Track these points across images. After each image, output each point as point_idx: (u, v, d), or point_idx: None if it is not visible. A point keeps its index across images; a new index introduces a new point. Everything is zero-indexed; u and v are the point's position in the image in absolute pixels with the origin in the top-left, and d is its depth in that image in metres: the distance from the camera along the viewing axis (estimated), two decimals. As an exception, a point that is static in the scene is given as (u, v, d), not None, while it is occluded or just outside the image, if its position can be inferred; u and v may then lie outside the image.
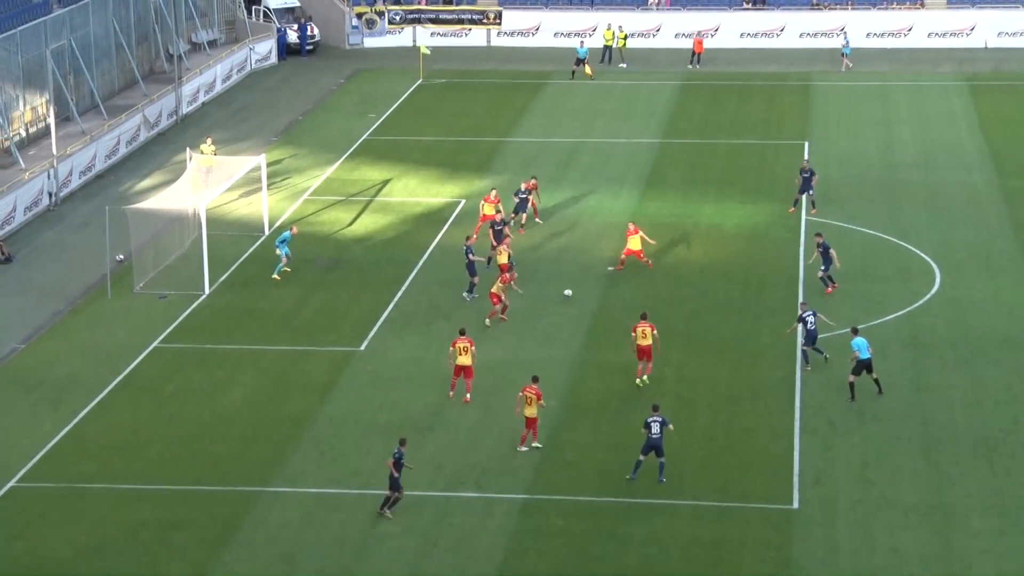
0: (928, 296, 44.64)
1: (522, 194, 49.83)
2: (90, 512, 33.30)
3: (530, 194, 49.93)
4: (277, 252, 46.53)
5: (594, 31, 76.51)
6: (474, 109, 66.55)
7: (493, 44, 78.13)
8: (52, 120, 55.67)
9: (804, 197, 51.27)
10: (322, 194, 55.03)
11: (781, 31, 76.78)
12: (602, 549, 31.61)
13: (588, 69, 70.03)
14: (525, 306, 43.73)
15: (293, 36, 76.55)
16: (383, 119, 65.14)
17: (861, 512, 32.90)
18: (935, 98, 66.81)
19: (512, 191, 50.52)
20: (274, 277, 46.31)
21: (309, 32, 76.95)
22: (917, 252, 48.16)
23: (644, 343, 38.67)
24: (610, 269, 46.61)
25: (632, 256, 46.07)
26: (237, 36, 75.16)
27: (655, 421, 34.00)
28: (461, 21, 78.28)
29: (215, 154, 54.13)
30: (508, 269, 44.15)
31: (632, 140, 61.41)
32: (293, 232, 47.24)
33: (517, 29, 78.05)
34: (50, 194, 53.89)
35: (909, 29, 76.38)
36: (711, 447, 35.74)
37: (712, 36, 76.23)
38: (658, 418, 34.06)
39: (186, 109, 65.61)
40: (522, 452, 35.48)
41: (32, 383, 39.87)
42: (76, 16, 61.29)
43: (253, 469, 35.07)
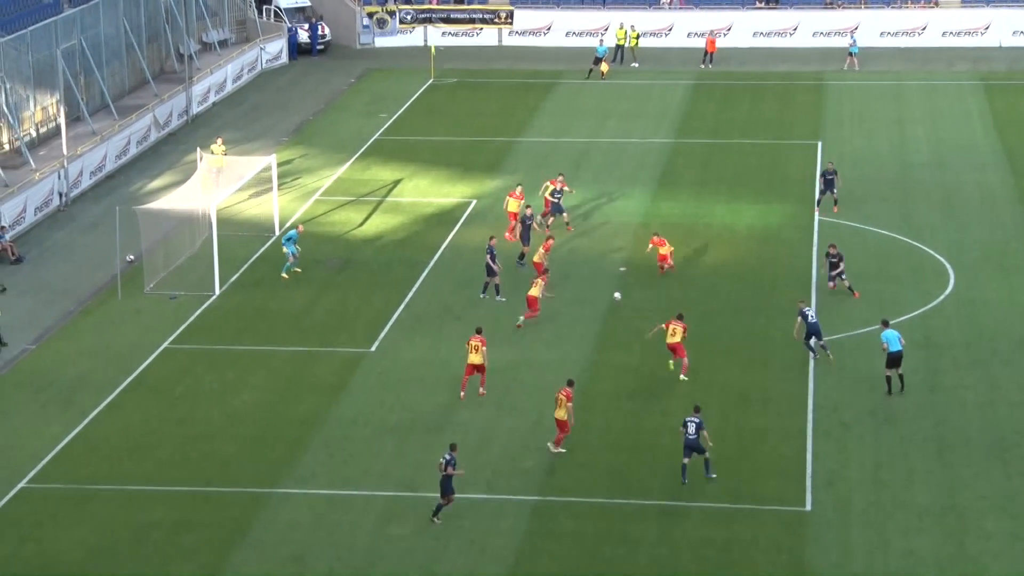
0: (942, 297, 44.42)
1: (557, 194, 49.74)
2: (100, 513, 33.25)
3: (562, 192, 49.85)
4: (284, 251, 46.48)
5: (606, 30, 76.36)
6: (485, 109, 66.43)
7: (504, 44, 78.02)
8: (62, 120, 55.65)
9: (826, 197, 50.88)
10: (333, 194, 54.95)
11: (794, 30, 76.55)
12: (613, 551, 31.48)
13: (604, 67, 69.88)
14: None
15: (304, 36, 76.52)
16: (394, 119, 65.05)
17: (874, 514, 32.72)
18: (949, 97, 66.55)
19: (529, 191, 50.11)
20: (283, 276, 46.24)
21: (320, 32, 76.91)
22: (931, 252, 47.93)
23: (672, 340, 39.04)
24: (622, 270, 46.41)
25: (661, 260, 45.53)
26: (248, 36, 75.15)
27: (692, 421, 34.02)
28: (472, 20, 78.18)
29: (225, 154, 54.07)
30: (543, 271, 44.02)
31: (644, 140, 61.24)
32: (300, 231, 47.18)
33: (529, 28, 77.92)
34: (60, 194, 53.87)
35: (923, 28, 76.11)
36: (723, 448, 35.52)
37: (725, 35, 76.03)
38: (696, 419, 34.07)
39: (196, 109, 65.57)
40: (529, 458, 35.26)
41: (42, 384, 39.83)
42: (87, 16, 61.29)
43: (263, 470, 34.99)
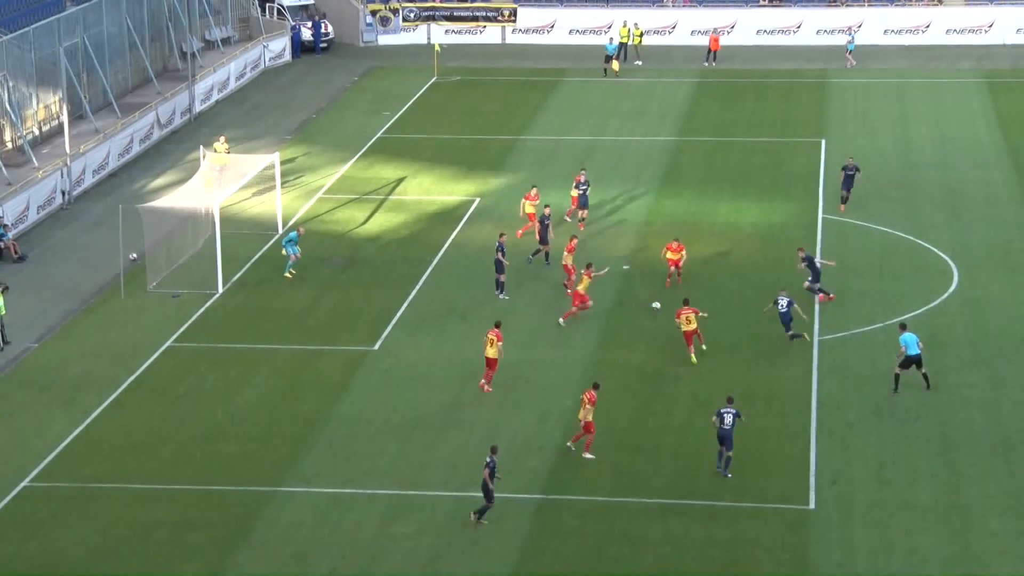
0: (946, 295, 44.36)
1: (582, 186, 49.67)
2: (103, 512, 33.23)
3: (588, 187, 49.82)
4: (284, 252, 46.44)
5: (609, 28, 76.31)
6: (489, 107, 66.39)
7: (508, 41, 77.97)
8: (65, 118, 55.62)
9: (847, 194, 50.68)
10: (336, 192, 54.91)
11: (798, 28, 76.47)
12: (617, 550, 31.45)
13: (615, 65, 69.84)
14: (540, 305, 43.51)
15: (307, 34, 76.49)
16: (397, 117, 65.01)
17: (878, 513, 32.67)
18: (953, 95, 66.47)
19: (536, 188, 49.97)
20: (286, 275, 46.21)
21: (323, 30, 76.88)
22: (935, 251, 47.87)
23: (689, 328, 39.36)
24: (625, 268, 46.36)
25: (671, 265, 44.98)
26: (251, 34, 75.10)
27: (728, 412, 34.11)
28: (476, 18, 78.13)
29: (228, 152, 54.04)
30: (574, 271, 43.97)
31: (648, 138, 61.19)
32: (301, 232, 47.14)
33: (532, 26, 77.85)
34: (63, 193, 53.86)
35: (927, 26, 76.01)
36: (727, 447, 35.53)
37: (728, 33, 75.95)
38: (732, 410, 34.19)
39: (200, 107, 65.55)
40: (533, 457, 35.24)
41: (45, 383, 39.81)
42: (89, 14, 61.27)
43: (266, 469, 34.97)
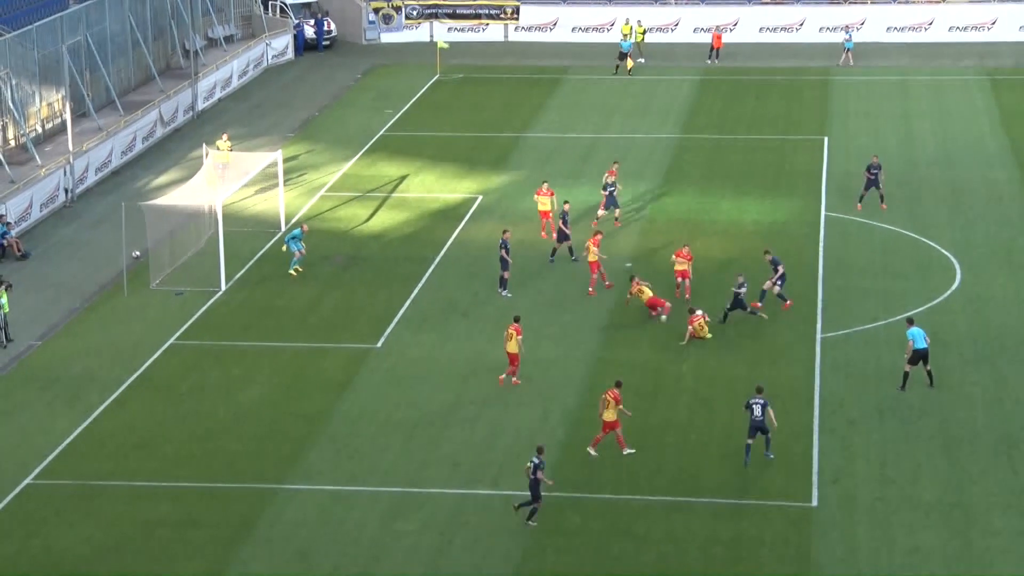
0: (948, 293, 44.34)
1: (610, 187, 49.63)
2: (106, 510, 33.25)
3: (616, 186, 49.70)
4: (284, 249, 46.46)
5: (612, 26, 76.31)
6: (491, 104, 66.38)
7: (510, 39, 77.95)
8: (68, 116, 55.67)
9: (871, 192, 50.48)
10: (339, 190, 54.92)
11: (800, 25, 76.42)
12: (620, 547, 31.45)
13: (629, 63, 69.82)
14: (543, 303, 43.50)
15: (310, 31, 76.49)
16: (400, 114, 65.01)
17: (880, 510, 32.67)
18: (956, 93, 66.42)
19: (538, 186, 49.92)
20: (290, 273, 46.24)
21: (326, 27, 76.88)
22: (938, 248, 47.85)
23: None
24: (628, 265, 46.35)
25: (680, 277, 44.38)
26: (253, 31, 75.11)
27: (757, 403, 34.33)
28: (478, 16, 78.12)
29: (231, 150, 54.02)
30: (599, 268, 44.04)
31: (650, 135, 61.18)
32: (304, 230, 47.16)
33: (535, 24, 77.84)
34: (66, 190, 53.88)
35: (930, 23, 75.95)
36: (729, 445, 35.49)
37: (731, 31, 75.91)
38: (760, 400, 34.42)
39: (202, 105, 65.56)
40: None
41: (48, 380, 39.83)
42: (92, 12, 61.29)
43: (269, 467, 34.98)
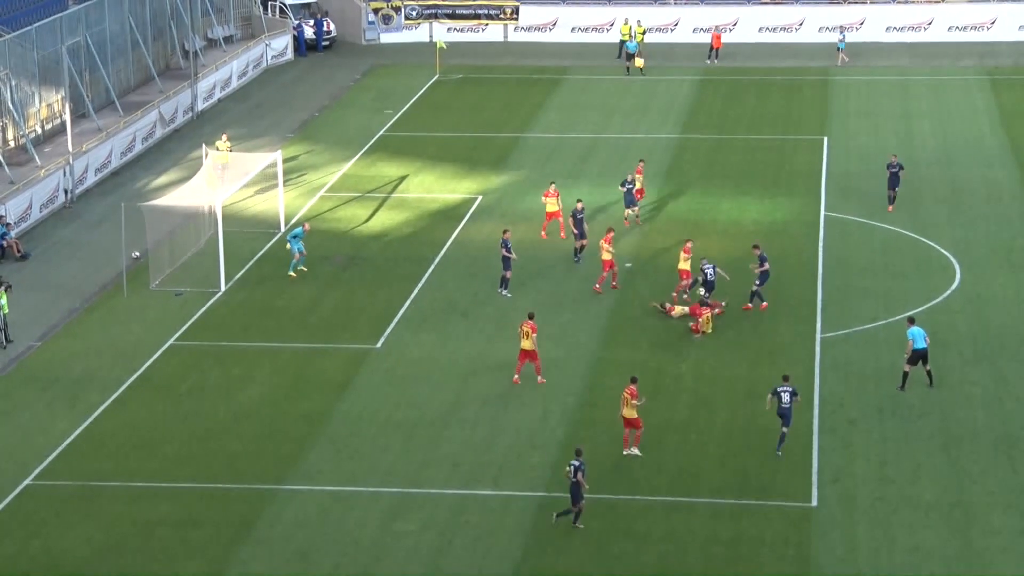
0: (948, 292, 44.35)
1: (628, 184, 49.59)
2: (106, 510, 33.25)
3: (635, 184, 49.64)
4: (288, 247, 46.49)
5: (611, 26, 76.32)
6: (491, 105, 66.40)
7: (510, 39, 77.97)
8: (68, 117, 55.66)
9: (892, 193, 50.35)
10: (338, 190, 54.93)
11: (800, 25, 76.43)
12: (620, 547, 31.45)
13: (639, 62, 69.85)
14: (542, 303, 43.49)
15: (309, 32, 76.51)
16: (399, 115, 65.02)
17: (880, 510, 32.67)
18: (956, 93, 66.45)
19: (534, 186, 50.02)
20: (290, 275, 46.22)
21: (325, 28, 76.89)
22: (937, 248, 47.85)
23: (707, 329, 40.91)
24: (628, 265, 46.34)
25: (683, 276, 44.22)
26: (253, 32, 75.12)
27: (785, 391, 34.66)
28: (478, 16, 78.13)
29: (231, 151, 54.02)
30: (611, 267, 44.09)
31: (650, 135, 61.19)
32: (306, 229, 47.17)
33: (534, 24, 77.86)
34: (66, 191, 53.88)
35: (929, 23, 75.96)
36: (729, 444, 35.52)
37: (730, 31, 75.92)
38: (788, 387, 34.66)
39: (202, 105, 65.57)
40: (536, 454, 35.24)
41: (48, 381, 39.83)
42: (92, 12, 61.29)
43: (269, 467, 34.98)
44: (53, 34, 58.11)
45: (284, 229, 49.92)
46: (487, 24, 78.14)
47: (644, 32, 73.79)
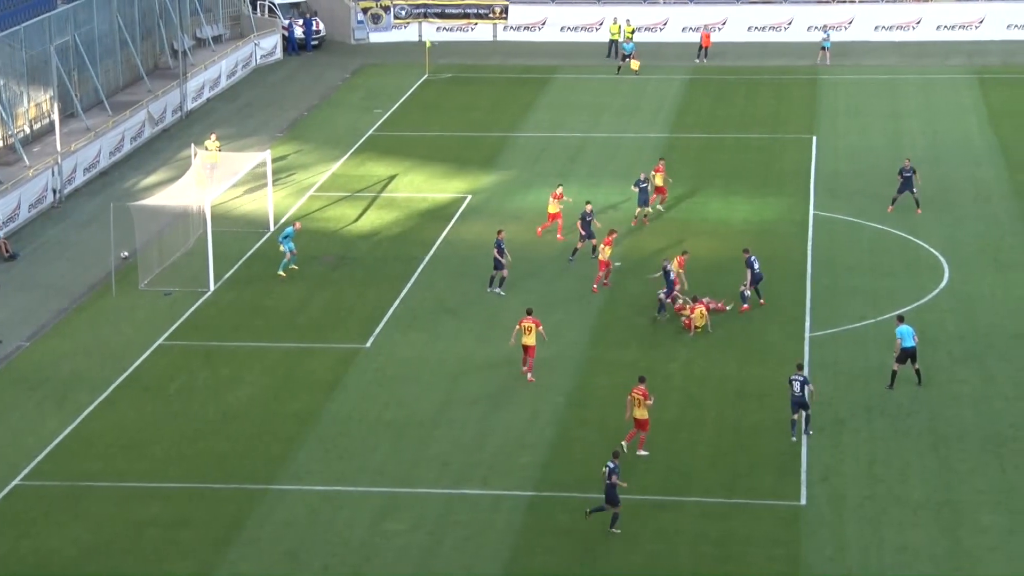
0: (936, 291, 44.43)
1: (641, 184, 49.58)
2: (95, 510, 33.21)
3: (648, 183, 49.66)
4: (281, 248, 46.45)
5: (600, 25, 76.35)
6: (480, 104, 66.38)
7: (499, 39, 77.97)
8: (56, 117, 55.58)
9: (904, 196, 50.15)
10: (327, 190, 54.90)
11: (789, 24, 76.51)
12: (609, 546, 31.46)
13: (634, 64, 69.85)
14: (533, 303, 43.46)
15: (298, 31, 76.43)
16: (388, 114, 64.99)
17: (869, 509, 32.72)
18: (944, 92, 66.55)
19: (524, 185, 49.99)
20: (279, 274, 46.18)
21: (314, 27, 76.84)
22: (926, 247, 47.93)
23: (699, 323, 41.19)
24: (617, 264, 46.35)
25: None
26: (242, 31, 75.04)
27: (797, 380, 35.27)
28: (467, 16, 78.13)
29: (220, 150, 53.97)
30: (607, 266, 44.21)
31: (639, 135, 61.22)
32: (296, 228, 47.17)
33: (523, 24, 77.86)
34: (54, 191, 53.78)
35: (918, 22, 76.09)
36: (719, 444, 35.56)
37: (719, 30, 75.98)
38: (800, 376, 35.39)
39: (191, 105, 65.49)
40: (526, 454, 35.26)
41: (37, 381, 39.76)
42: (80, 12, 61.19)
43: (259, 467, 34.95)
44: (41, 34, 58.00)
45: (273, 229, 49.91)
46: (476, 23, 78.14)
47: (633, 31, 73.84)
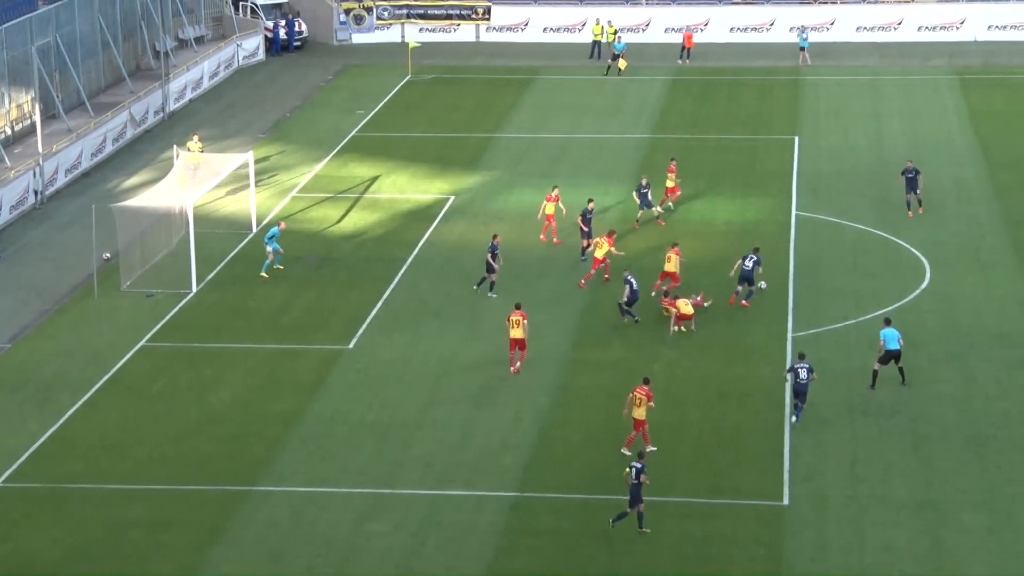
0: (918, 291, 44.55)
1: (643, 189, 49.61)
2: (77, 512, 33.11)
3: (649, 188, 49.65)
4: (268, 250, 46.40)
5: (583, 26, 76.41)
6: (463, 105, 66.38)
7: (482, 40, 77.98)
8: (38, 118, 55.41)
9: (910, 197, 50.19)
10: (310, 191, 54.84)
11: (771, 25, 76.66)
12: (592, 547, 31.48)
13: (622, 63, 69.89)
14: (515, 304, 43.49)
15: (281, 32, 76.33)
16: (371, 115, 64.95)
17: (852, 509, 32.80)
18: (925, 92, 66.75)
19: (507, 186, 50.01)
20: (262, 275, 46.10)
21: (297, 28, 76.75)
22: (907, 247, 48.06)
23: (685, 311, 41.36)
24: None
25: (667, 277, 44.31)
26: (224, 32, 74.93)
27: (802, 367, 35.94)
28: (449, 16, 78.11)
29: (202, 151, 53.89)
30: (600, 266, 44.38)
31: (622, 135, 61.28)
32: (281, 228, 47.13)
33: (506, 24, 77.89)
34: (36, 192, 53.63)
35: (899, 23, 76.31)
36: (701, 444, 35.61)
37: (702, 31, 76.11)
38: (805, 364, 36.04)
39: (173, 106, 65.36)
40: (509, 455, 35.29)
41: (18, 383, 39.64)
42: (62, 13, 61.04)
43: (241, 468, 34.90)
44: (23, 34, 57.83)
45: (256, 230, 49.83)
46: (459, 24, 78.13)
47: (616, 32, 73.91)
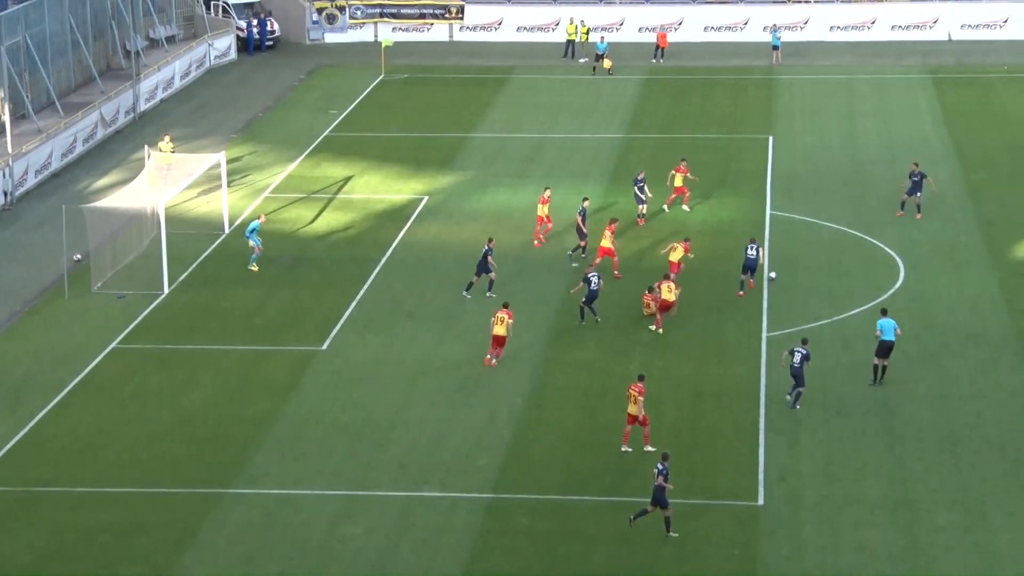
0: (892, 290, 44.60)
1: (639, 182, 49.59)
2: (48, 516, 32.88)
3: (645, 183, 49.70)
4: (251, 243, 46.27)
5: (557, 25, 76.33)
6: (437, 104, 66.22)
7: (455, 39, 77.83)
8: (7, 118, 55.08)
9: (912, 199, 50.09)
10: (283, 191, 54.60)
11: (745, 25, 76.73)
12: (568, 548, 31.41)
13: (607, 63, 69.81)
14: (492, 305, 43.38)
15: (255, 31, 76.00)
16: (344, 115, 64.74)
17: (826, 508, 32.79)
18: (899, 92, 66.89)
19: (480, 186, 49.92)
20: (251, 268, 46.17)
21: (269, 27, 76.48)
22: (881, 246, 48.12)
23: (667, 297, 41.32)
24: (575, 264, 46.28)
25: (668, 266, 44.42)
26: (196, 32, 74.59)
27: (798, 351, 36.58)
28: (423, 16, 77.94)
29: (173, 151, 53.62)
30: (607, 254, 44.38)
31: (596, 135, 61.21)
32: (261, 220, 47.07)
33: (479, 24, 77.75)
34: (5, 193, 53.28)
35: (872, 22, 76.47)
36: (677, 444, 35.49)
37: (676, 30, 76.12)
38: (802, 349, 36.62)
39: (144, 106, 65.02)
40: (484, 456, 35.17)
41: (-12, 385, 39.38)
42: (31, 12, 60.64)
43: (214, 471, 34.69)
44: (-8, 34, 57.50)
45: (228, 230, 49.60)
46: (432, 24, 77.96)
47: (588, 31, 73.85)
